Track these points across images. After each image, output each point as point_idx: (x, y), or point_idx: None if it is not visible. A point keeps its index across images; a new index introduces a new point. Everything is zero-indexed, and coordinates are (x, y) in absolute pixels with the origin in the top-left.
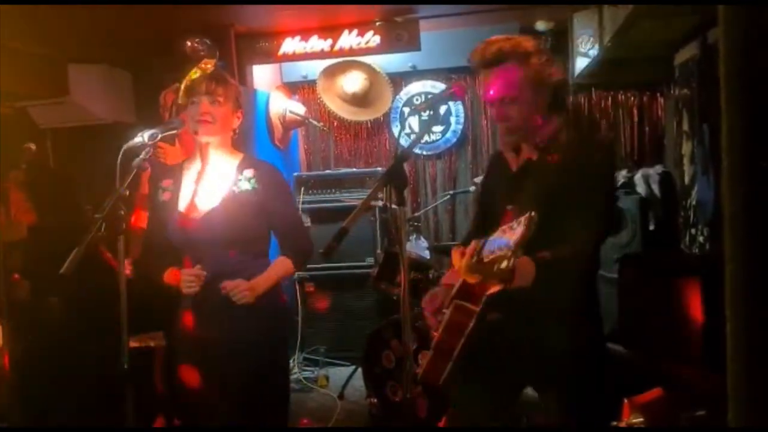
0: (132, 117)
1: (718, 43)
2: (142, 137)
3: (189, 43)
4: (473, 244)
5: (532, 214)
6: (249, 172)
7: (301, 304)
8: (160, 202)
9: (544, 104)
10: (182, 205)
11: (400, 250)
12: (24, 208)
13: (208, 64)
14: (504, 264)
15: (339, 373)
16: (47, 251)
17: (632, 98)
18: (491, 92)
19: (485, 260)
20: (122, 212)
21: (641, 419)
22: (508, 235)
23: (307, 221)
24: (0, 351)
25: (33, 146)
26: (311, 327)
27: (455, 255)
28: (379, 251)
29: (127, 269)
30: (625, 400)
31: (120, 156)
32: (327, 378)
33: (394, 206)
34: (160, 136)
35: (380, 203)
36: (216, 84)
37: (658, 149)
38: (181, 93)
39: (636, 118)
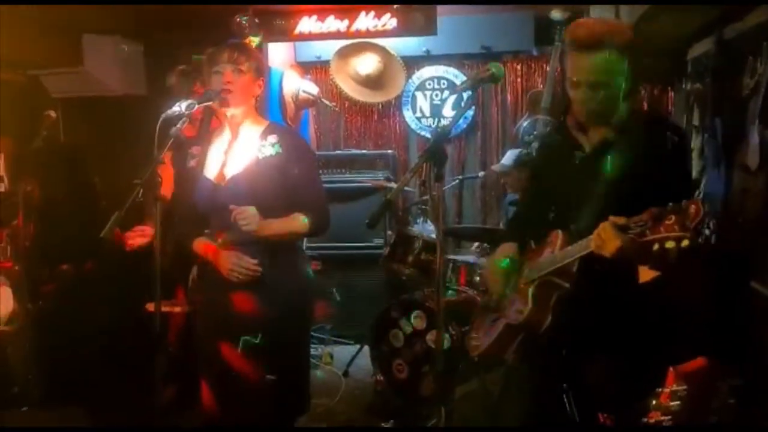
0: (143, 89)
1: (735, 40)
2: (180, 107)
3: (237, 20)
4: (619, 219)
5: (700, 198)
6: (273, 138)
7: None
8: (187, 169)
9: (625, 88)
10: (208, 171)
11: (437, 228)
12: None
13: (252, 42)
14: (671, 245)
15: (343, 351)
16: (57, 220)
17: (642, 91)
18: (587, 76)
19: (641, 237)
20: (159, 179)
21: (684, 387)
22: (671, 216)
23: None
24: (13, 315)
25: (53, 114)
26: (317, 305)
27: (604, 227)
28: (389, 232)
29: (143, 238)
30: (671, 368)
31: (158, 124)
32: (331, 356)
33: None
34: (197, 106)
35: (392, 184)
36: (239, 53)
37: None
38: (204, 62)
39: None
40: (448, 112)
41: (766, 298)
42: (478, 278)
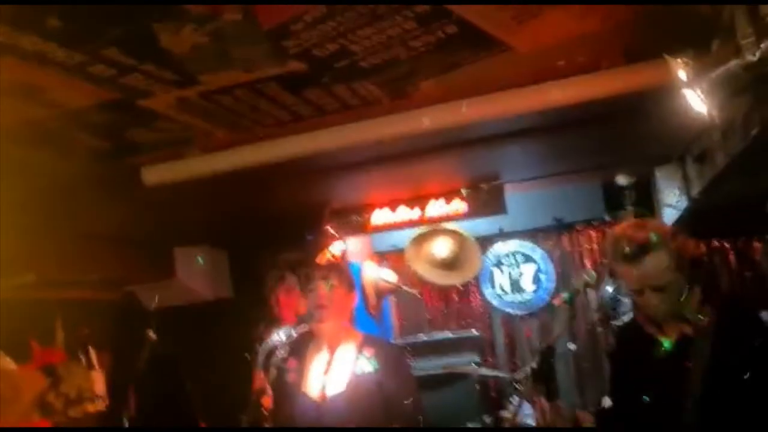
0: (229, 292)
1: None
2: (279, 336)
3: (330, 229)
4: None
5: None
6: (368, 352)
7: None
8: (285, 383)
9: (687, 279)
10: (306, 387)
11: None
12: None
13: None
14: None
15: None
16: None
17: (727, 244)
18: (641, 283)
19: None
20: (265, 412)
21: None
22: None
23: None
24: None
25: (153, 335)
26: None
27: None
28: (487, 419)
29: None
30: None
31: (261, 356)
32: None
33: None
34: (294, 333)
35: (483, 370)
36: (329, 270)
37: (764, 292)
38: (301, 282)
39: (734, 264)
40: (528, 285)
41: None
42: None
